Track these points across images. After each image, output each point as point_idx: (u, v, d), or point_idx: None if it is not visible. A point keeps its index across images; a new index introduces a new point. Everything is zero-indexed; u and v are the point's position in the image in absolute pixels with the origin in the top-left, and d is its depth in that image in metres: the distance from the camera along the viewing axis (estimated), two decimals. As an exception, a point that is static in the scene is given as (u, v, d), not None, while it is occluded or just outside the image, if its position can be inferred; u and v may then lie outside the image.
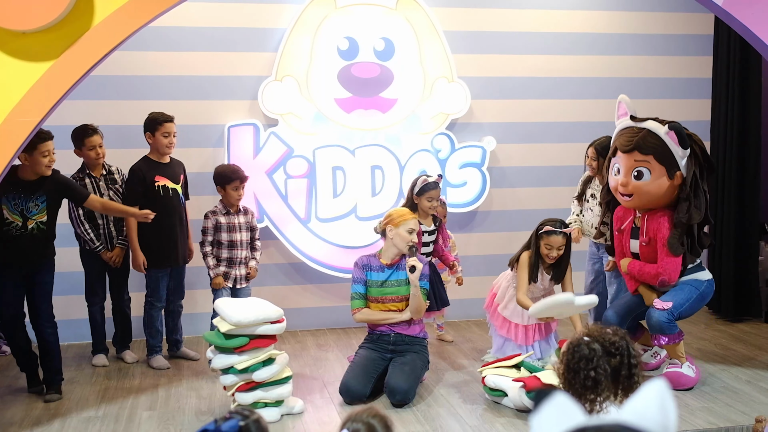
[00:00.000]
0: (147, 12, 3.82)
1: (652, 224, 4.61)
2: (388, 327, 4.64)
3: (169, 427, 4.13)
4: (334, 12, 5.88)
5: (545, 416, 1.36)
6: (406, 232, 4.59)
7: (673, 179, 4.52)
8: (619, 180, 4.61)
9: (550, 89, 6.34)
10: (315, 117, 5.91)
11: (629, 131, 4.60)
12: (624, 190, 4.61)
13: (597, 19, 6.37)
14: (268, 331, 4.17)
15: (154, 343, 5.19)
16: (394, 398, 4.39)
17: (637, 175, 4.54)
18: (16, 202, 4.40)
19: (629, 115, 4.65)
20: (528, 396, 4.16)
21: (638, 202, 4.63)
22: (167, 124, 5.04)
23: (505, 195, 6.34)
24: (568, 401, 1.38)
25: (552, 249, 4.72)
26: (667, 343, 4.59)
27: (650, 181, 4.53)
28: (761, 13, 4.22)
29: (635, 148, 4.52)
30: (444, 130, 6.10)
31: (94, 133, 5.02)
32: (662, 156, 4.49)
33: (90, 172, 5.05)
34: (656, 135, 4.50)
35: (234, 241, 5.15)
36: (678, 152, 4.48)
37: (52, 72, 3.71)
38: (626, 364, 2.61)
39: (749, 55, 5.99)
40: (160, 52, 5.71)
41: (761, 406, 4.30)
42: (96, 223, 5.06)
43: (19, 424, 4.18)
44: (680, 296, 4.60)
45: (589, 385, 2.56)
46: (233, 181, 5.10)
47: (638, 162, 4.53)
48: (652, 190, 4.55)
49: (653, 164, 4.50)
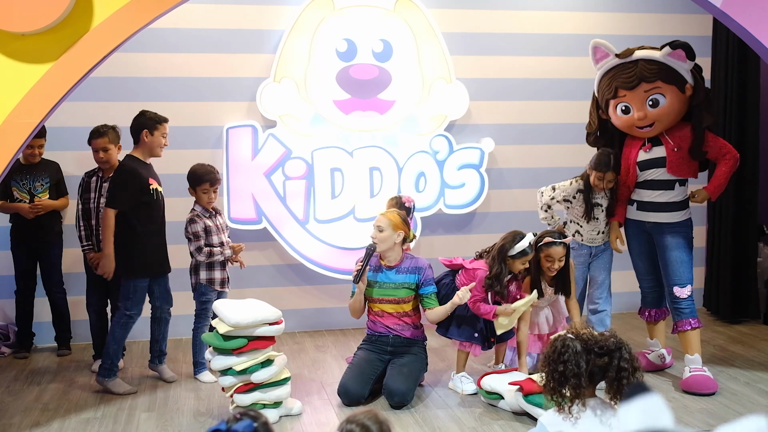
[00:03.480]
0: (146, 14, 3.82)
1: (676, 135, 4.68)
2: (387, 329, 4.64)
3: (167, 428, 4.13)
4: (333, 13, 5.88)
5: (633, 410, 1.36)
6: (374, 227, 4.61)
7: (685, 92, 4.60)
8: (635, 115, 4.63)
9: (549, 91, 6.35)
10: (313, 118, 5.92)
11: (623, 68, 4.64)
12: (643, 122, 4.64)
13: (595, 21, 6.38)
14: (266, 332, 4.17)
15: (115, 363, 4.67)
16: (392, 400, 4.39)
17: (652, 104, 4.60)
18: (24, 181, 5.20)
19: (611, 55, 4.67)
20: (525, 399, 4.14)
21: (661, 127, 4.68)
22: (165, 125, 4.87)
23: (503, 196, 6.34)
24: (662, 403, 1.37)
25: (554, 261, 4.60)
26: (693, 327, 4.62)
27: (667, 103, 4.59)
28: (759, 15, 4.23)
29: (640, 80, 4.57)
30: (442, 131, 6.10)
31: (98, 136, 4.98)
32: (668, 76, 4.56)
33: (99, 172, 5.08)
34: (652, 60, 4.55)
35: (222, 243, 4.94)
36: (684, 66, 4.55)
37: (51, 74, 3.72)
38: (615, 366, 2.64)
39: (747, 56, 6.00)
40: (158, 53, 5.72)
41: (760, 408, 4.31)
42: (89, 224, 5.07)
43: (18, 424, 4.18)
44: (687, 270, 4.67)
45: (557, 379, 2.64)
46: (203, 183, 4.82)
47: (648, 92, 4.59)
48: (672, 110, 4.62)
49: (664, 87, 4.57)
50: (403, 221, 4.62)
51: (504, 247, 4.52)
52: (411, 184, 6.05)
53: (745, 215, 6.18)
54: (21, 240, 5.29)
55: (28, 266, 5.35)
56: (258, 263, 5.96)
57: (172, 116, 5.51)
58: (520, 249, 4.49)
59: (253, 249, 5.92)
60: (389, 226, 4.53)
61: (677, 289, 4.66)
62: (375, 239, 4.55)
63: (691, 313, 4.68)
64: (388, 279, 4.61)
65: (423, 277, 4.58)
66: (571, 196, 4.96)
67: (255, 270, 5.94)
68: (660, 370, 4.93)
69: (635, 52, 4.61)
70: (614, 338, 2.68)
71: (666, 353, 4.98)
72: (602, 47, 4.69)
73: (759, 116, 6.20)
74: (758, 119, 6.19)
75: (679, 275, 4.66)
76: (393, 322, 4.63)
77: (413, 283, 4.59)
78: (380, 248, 4.55)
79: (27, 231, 5.25)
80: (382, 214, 4.63)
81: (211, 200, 4.86)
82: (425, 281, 4.59)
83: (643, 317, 5.09)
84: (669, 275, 4.71)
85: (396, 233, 4.54)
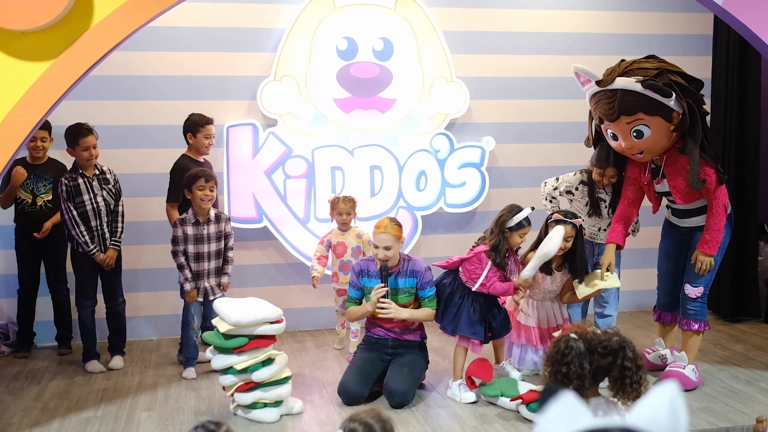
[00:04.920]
0: (146, 12, 3.82)
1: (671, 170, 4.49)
2: (386, 332, 4.62)
3: (168, 427, 4.12)
4: (333, 12, 5.87)
5: (552, 416, 1.33)
6: (373, 247, 4.53)
7: (673, 120, 4.30)
8: (623, 145, 4.45)
9: (550, 89, 6.34)
10: (314, 117, 5.91)
11: (603, 96, 4.38)
12: (632, 151, 4.47)
13: (596, 19, 6.37)
14: (267, 331, 4.16)
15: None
16: (392, 400, 4.38)
17: (636, 135, 4.34)
18: (27, 182, 5.21)
19: (593, 81, 4.43)
20: (528, 408, 4.14)
21: (652, 155, 4.47)
22: (209, 126, 5.33)
23: (503, 195, 6.32)
24: (576, 401, 1.35)
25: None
26: (696, 329, 4.59)
27: (652, 134, 4.32)
28: (761, 13, 4.22)
29: (620, 113, 4.31)
30: (443, 130, 6.09)
31: (89, 134, 4.95)
32: (650, 108, 4.26)
33: (83, 172, 5.00)
34: (632, 91, 4.25)
35: (201, 254, 4.86)
36: (663, 99, 4.24)
37: (51, 72, 3.71)
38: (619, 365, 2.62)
39: (748, 54, 5.99)
40: (158, 52, 5.70)
41: (761, 407, 4.30)
42: (90, 225, 4.98)
43: (18, 423, 4.17)
44: (706, 274, 4.55)
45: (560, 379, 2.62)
46: (197, 180, 4.80)
47: (630, 124, 4.32)
48: (659, 140, 4.35)
49: (646, 119, 4.29)
50: (400, 227, 4.53)
51: (502, 218, 4.51)
52: (412, 183, 6.04)
53: (745, 214, 6.16)
54: (26, 240, 5.28)
55: (32, 266, 5.37)
56: (259, 262, 5.95)
57: (173, 115, 5.54)
58: (518, 220, 4.47)
59: (253, 248, 5.92)
60: (395, 242, 4.44)
61: (688, 287, 4.60)
62: (385, 259, 4.45)
63: (696, 315, 4.62)
64: (390, 285, 4.55)
65: (420, 281, 4.55)
66: (573, 188, 4.97)
67: (256, 269, 5.94)
68: (659, 369, 4.90)
69: (616, 79, 4.30)
70: (617, 337, 2.66)
71: (669, 354, 4.95)
72: (583, 73, 4.48)
73: (759, 115, 6.19)
74: (759, 118, 6.18)
75: (695, 274, 4.57)
76: (392, 325, 4.60)
77: (412, 288, 4.57)
78: (391, 263, 4.49)
79: (32, 231, 5.23)
80: (383, 233, 4.44)
81: (207, 198, 4.81)
82: (423, 284, 4.55)
83: (655, 317, 5.04)
84: (687, 273, 4.65)
85: (400, 243, 4.51)
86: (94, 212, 5.00)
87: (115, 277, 5.17)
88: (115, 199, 5.10)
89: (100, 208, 5.00)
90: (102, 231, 5.04)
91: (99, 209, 5.00)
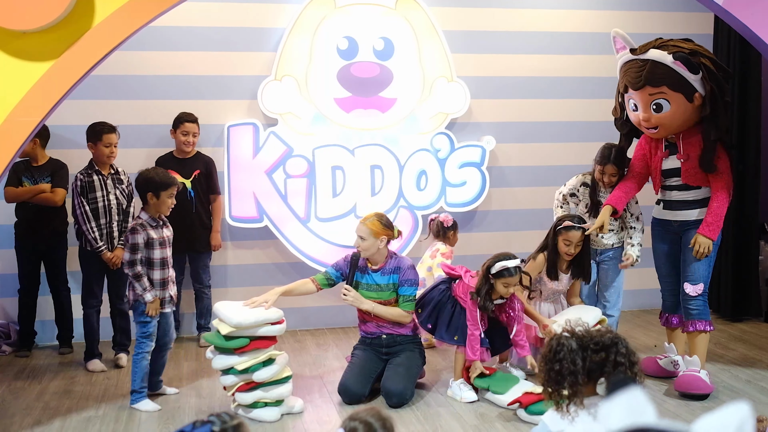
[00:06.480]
0: (147, 12, 3.82)
1: (687, 143, 4.50)
2: (378, 328, 4.63)
3: (169, 427, 4.12)
4: (334, 12, 5.88)
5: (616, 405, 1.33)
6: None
7: (693, 101, 4.36)
8: (640, 116, 4.48)
9: (550, 89, 6.34)
10: (314, 117, 5.91)
11: (634, 65, 4.44)
12: (647, 124, 4.49)
13: (596, 19, 6.37)
14: (268, 332, 4.17)
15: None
16: (390, 401, 4.38)
17: (656, 108, 4.41)
18: (29, 178, 5.18)
19: (628, 48, 4.49)
20: (526, 412, 4.14)
21: (666, 131, 4.51)
22: (187, 124, 5.45)
23: (504, 194, 6.34)
24: (644, 397, 1.35)
25: (571, 245, 4.65)
26: (701, 329, 4.54)
27: (671, 110, 4.39)
28: (761, 13, 4.22)
29: (645, 83, 4.38)
30: (443, 129, 6.10)
31: (112, 131, 5.04)
32: (675, 83, 4.34)
33: (99, 169, 5.04)
34: (663, 63, 4.34)
35: (166, 259, 4.40)
36: (690, 76, 4.32)
37: (52, 72, 3.71)
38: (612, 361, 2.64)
39: (749, 54, 5.99)
40: (159, 52, 5.71)
41: (761, 406, 4.30)
42: (99, 223, 5.02)
43: (19, 423, 4.18)
44: (703, 268, 4.52)
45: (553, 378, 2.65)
46: (169, 187, 4.37)
47: (653, 95, 4.40)
48: (676, 117, 4.41)
49: (669, 93, 4.36)
50: (384, 226, 4.53)
51: (487, 262, 4.43)
52: (412, 183, 6.04)
53: (746, 214, 6.17)
54: (26, 240, 5.29)
55: (33, 266, 5.37)
56: (259, 261, 5.96)
57: (173, 115, 5.54)
58: (500, 268, 4.31)
59: (254, 247, 5.92)
60: (370, 235, 4.49)
61: (687, 286, 4.56)
62: (358, 248, 4.55)
63: (699, 314, 4.56)
64: (372, 281, 4.59)
65: (401, 277, 4.55)
66: (575, 189, 4.99)
67: (256, 268, 5.94)
68: (672, 376, 4.77)
69: (650, 50, 4.39)
70: (610, 333, 2.68)
71: (681, 360, 4.81)
72: (621, 38, 4.53)
73: (760, 114, 6.19)
74: (759, 117, 6.18)
75: (692, 271, 4.54)
76: (383, 321, 4.60)
77: (395, 284, 4.58)
78: (364, 255, 4.57)
79: (32, 231, 5.24)
80: (362, 223, 4.54)
81: (170, 206, 4.42)
82: (403, 281, 4.55)
83: (662, 322, 4.97)
84: (684, 271, 4.61)
85: (378, 240, 4.51)
86: (105, 210, 5.02)
87: (121, 277, 5.17)
88: (128, 200, 5.14)
89: (112, 206, 5.04)
90: (111, 229, 5.07)
91: (110, 207, 5.03)
